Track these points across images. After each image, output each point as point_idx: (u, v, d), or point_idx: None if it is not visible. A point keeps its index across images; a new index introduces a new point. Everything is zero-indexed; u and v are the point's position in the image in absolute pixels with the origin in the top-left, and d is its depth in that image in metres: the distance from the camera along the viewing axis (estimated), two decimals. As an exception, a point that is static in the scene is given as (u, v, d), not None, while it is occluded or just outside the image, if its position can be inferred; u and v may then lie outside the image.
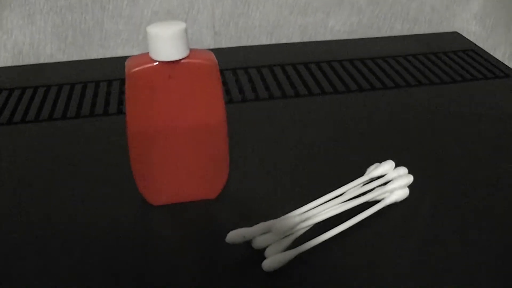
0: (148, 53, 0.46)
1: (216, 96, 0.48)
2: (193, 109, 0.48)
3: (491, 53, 1.00)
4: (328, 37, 0.97)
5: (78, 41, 0.90)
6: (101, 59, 0.89)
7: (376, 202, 0.52)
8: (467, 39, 0.94)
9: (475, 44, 0.91)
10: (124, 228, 0.50)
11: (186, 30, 0.45)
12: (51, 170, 0.59)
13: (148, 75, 0.46)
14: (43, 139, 0.65)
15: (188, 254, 0.47)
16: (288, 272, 0.45)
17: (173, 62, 0.45)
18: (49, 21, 0.88)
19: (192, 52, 0.46)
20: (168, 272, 0.45)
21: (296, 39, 0.96)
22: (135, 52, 0.91)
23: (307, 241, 0.47)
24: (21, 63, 0.89)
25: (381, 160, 0.56)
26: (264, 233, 0.47)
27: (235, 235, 0.46)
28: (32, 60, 0.90)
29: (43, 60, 0.90)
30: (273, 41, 0.95)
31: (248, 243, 0.46)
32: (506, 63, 1.04)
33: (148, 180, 0.51)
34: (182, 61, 0.46)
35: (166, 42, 0.44)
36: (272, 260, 0.44)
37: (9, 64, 0.89)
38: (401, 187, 0.53)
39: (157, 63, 0.45)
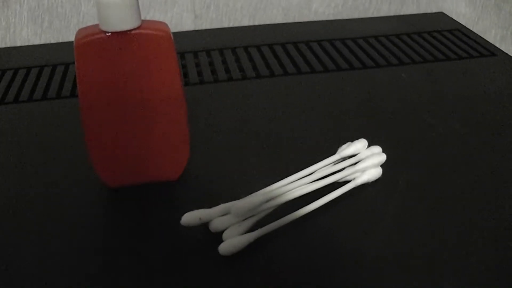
0: (98, 24, 0.43)
1: (171, 69, 0.45)
2: (147, 83, 0.45)
3: (482, 35, 0.98)
4: (312, 19, 0.94)
5: (55, 25, 0.87)
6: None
7: (347, 182, 0.50)
8: (453, 19, 0.91)
9: (461, 24, 0.88)
10: (78, 212, 0.47)
11: (136, -1, 0.42)
12: (13, 152, 0.56)
13: (96, 47, 0.43)
14: (6, 122, 0.62)
15: (144, 239, 0.45)
16: (247, 256, 0.42)
17: (123, 33, 0.42)
18: (25, 5, 0.85)
19: (145, 23, 0.43)
20: (123, 256, 0.43)
21: (278, 22, 0.93)
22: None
23: (269, 223, 0.44)
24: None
25: (355, 139, 0.53)
26: (223, 215, 0.44)
27: (190, 217, 0.43)
28: (8, 45, 0.87)
29: (19, 44, 0.87)
30: (256, 24, 0.93)
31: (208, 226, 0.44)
32: (497, 45, 1.01)
33: (104, 160, 0.48)
34: (133, 32, 0.43)
35: (114, 11, 0.41)
36: (229, 244, 0.42)
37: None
38: (373, 166, 0.50)
39: (106, 34, 0.42)
